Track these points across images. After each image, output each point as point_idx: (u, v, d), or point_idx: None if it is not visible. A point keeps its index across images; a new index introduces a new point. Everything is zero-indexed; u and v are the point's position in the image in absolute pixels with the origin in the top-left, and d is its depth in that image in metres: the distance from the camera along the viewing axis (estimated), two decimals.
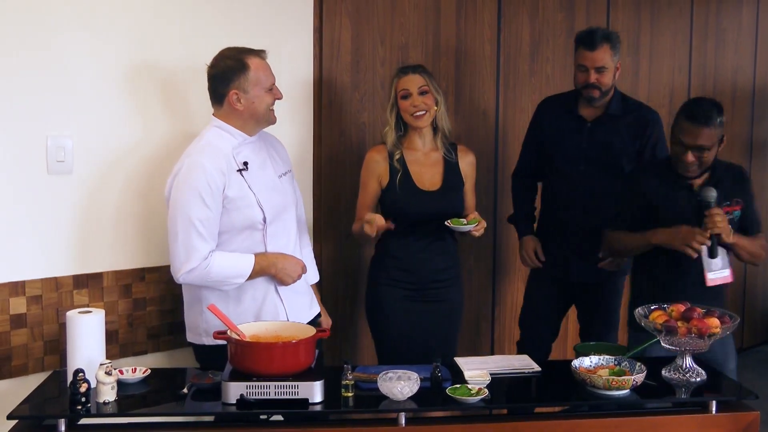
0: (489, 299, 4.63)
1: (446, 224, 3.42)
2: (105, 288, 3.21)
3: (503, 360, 3.14)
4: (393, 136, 3.51)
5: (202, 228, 2.89)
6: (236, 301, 3.03)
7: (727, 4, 5.98)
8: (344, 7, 3.88)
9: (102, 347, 2.78)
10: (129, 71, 3.20)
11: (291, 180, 3.26)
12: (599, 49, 3.61)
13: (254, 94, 2.99)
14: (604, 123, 3.73)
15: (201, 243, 2.89)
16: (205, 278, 2.92)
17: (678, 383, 2.91)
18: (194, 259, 2.88)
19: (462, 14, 4.36)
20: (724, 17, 5.96)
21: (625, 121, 3.74)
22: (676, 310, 2.97)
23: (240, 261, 2.95)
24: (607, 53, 3.62)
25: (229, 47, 3.05)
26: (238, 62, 2.98)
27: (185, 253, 2.89)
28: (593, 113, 3.75)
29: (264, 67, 3.03)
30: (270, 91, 3.04)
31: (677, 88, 5.64)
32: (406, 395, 2.65)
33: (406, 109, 3.47)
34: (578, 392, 2.83)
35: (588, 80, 3.65)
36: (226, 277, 2.94)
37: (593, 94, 3.67)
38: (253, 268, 2.96)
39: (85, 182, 3.12)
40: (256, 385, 2.56)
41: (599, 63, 3.62)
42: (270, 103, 3.04)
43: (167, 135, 3.30)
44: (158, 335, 3.38)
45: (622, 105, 3.77)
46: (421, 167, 3.53)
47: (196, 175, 2.89)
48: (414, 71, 3.49)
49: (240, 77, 2.98)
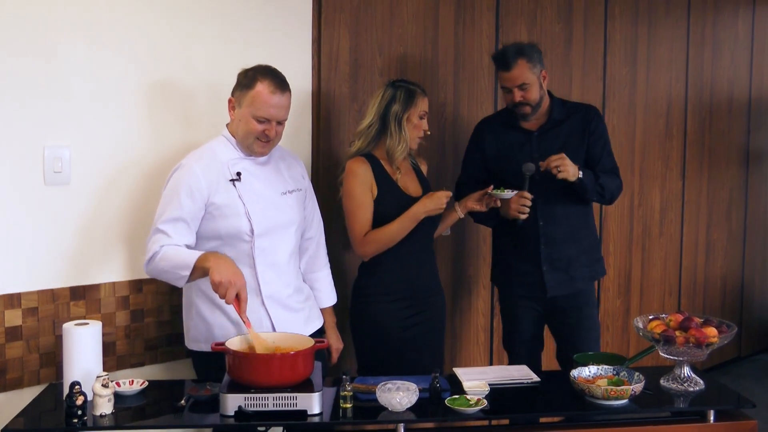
0: (488, 309, 4.61)
1: (489, 192, 3.53)
2: (102, 300, 3.19)
3: (502, 370, 3.14)
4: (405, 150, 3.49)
5: (167, 226, 2.90)
6: (221, 311, 3.01)
7: (723, 16, 6.01)
8: (343, 17, 3.88)
9: (99, 359, 2.77)
10: (130, 84, 3.19)
11: (299, 199, 3.22)
12: (515, 68, 3.57)
13: (242, 113, 2.99)
14: (549, 129, 3.70)
15: (162, 238, 2.89)
16: (158, 270, 2.90)
17: (676, 392, 2.92)
18: (150, 251, 2.90)
19: (460, 24, 4.36)
20: (721, 28, 5.99)
21: (570, 124, 3.71)
22: (674, 320, 2.98)
23: (185, 254, 2.86)
24: (524, 69, 3.57)
25: (264, 66, 3.04)
26: (249, 79, 2.98)
27: (149, 246, 2.91)
28: (537, 123, 3.72)
29: (269, 97, 2.95)
30: (259, 122, 2.98)
31: (675, 98, 5.66)
32: (405, 406, 2.64)
33: (420, 129, 3.50)
34: (577, 402, 2.83)
35: (514, 100, 3.62)
36: (171, 269, 2.86)
37: (525, 111, 3.65)
38: (197, 260, 2.82)
39: (82, 193, 3.11)
40: (254, 396, 2.55)
41: (519, 81, 3.58)
42: (254, 131, 2.98)
43: (167, 148, 3.29)
44: (156, 347, 3.36)
45: (564, 109, 3.74)
46: (403, 177, 3.53)
47: (184, 178, 2.93)
48: (425, 94, 3.54)
49: (242, 90, 2.99)
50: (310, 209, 3.33)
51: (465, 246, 4.50)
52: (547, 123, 3.71)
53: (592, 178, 3.58)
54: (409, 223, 3.40)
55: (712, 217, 6.13)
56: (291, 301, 3.15)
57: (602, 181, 3.61)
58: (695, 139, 5.88)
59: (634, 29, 5.31)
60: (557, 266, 3.71)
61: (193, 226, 2.96)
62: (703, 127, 5.94)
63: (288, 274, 3.16)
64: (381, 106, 3.46)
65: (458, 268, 4.48)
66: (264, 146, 3.04)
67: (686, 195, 5.85)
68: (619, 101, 5.26)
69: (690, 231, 5.93)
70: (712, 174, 6.08)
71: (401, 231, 3.41)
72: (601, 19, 5.08)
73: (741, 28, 6.21)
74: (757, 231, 6.63)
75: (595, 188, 3.60)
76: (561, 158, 3.48)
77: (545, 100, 3.71)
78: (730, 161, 6.26)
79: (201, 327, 3.05)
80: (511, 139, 3.72)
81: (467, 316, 4.55)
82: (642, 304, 5.56)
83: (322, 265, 3.42)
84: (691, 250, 5.96)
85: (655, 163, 5.57)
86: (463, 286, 4.53)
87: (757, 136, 6.48)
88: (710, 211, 6.10)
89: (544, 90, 3.68)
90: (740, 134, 6.34)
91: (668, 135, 5.64)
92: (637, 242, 5.50)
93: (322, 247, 3.42)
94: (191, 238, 2.96)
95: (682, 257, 5.88)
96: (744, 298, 6.55)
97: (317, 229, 3.39)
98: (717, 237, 6.20)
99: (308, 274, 3.36)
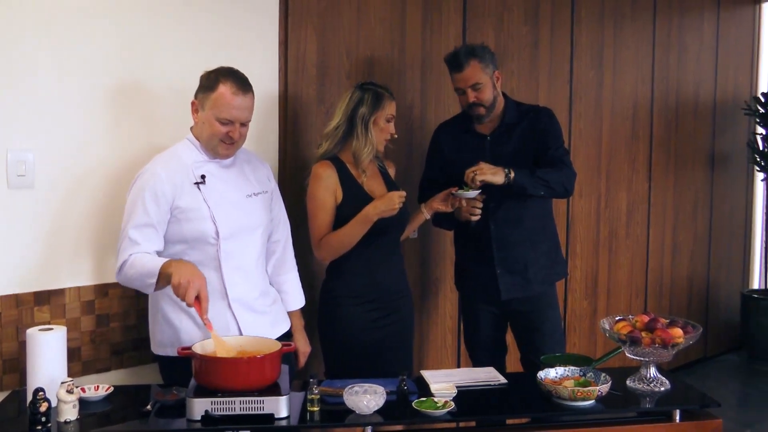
0: (455, 312, 4.61)
1: (453, 193, 3.52)
2: (67, 304, 3.16)
3: (469, 373, 3.14)
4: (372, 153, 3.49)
5: (135, 233, 2.88)
6: (187, 315, 2.99)
7: (689, 20, 6.07)
8: (310, 20, 3.87)
9: (63, 365, 2.74)
10: (95, 86, 3.16)
11: (265, 201, 3.21)
12: (467, 68, 3.60)
13: (206, 115, 2.98)
14: (502, 133, 3.72)
15: (130, 247, 2.88)
16: (128, 278, 2.89)
17: (642, 393, 2.94)
18: (120, 260, 2.89)
19: (427, 27, 4.37)
20: (686, 32, 6.05)
21: (522, 126, 3.73)
22: (640, 321, 3.00)
23: (151, 263, 2.84)
24: (477, 69, 3.60)
25: (226, 67, 3.03)
26: (211, 81, 2.97)
27: (118, 255, 2.91)
28: (490, 127, 3.74)
29: (231, 99, 2.94)
30: (222, 123, 2.96)
31: (641, 100, 5.70)
32: (372, 409, 2.64)
33: (387, 132, 3.49)
34: (544, 404, 2.84)
35: (468, 100, 3.64)
36: (139, 277, 2.85)
37: (479, 113, 3.67)
38: (161, 267, 2.80)
39: (46, 197, 3.07)
40: (220, 401, 2.53)
41: (471, 81, 3.61)
42: (218, 133, 2.97)
43: (133, 151, 3.26)
44: (122, 351, 3.33)
45: (517, 112, 3.76)
46: (369, 180, 3.53)
47: (149, 182, 2.92)
48: (393, 98, 3.53)
49: (205, 93, 2.98)
50: (277, 212, 3.32)
51: (431, 248, 4.50)
52: (499, 127, 3.73)
53: (526, 175, 3.54)
54: (361, 225, 3.38)
55: (678, 219, 6.18)
56: (258, 304, 3.14)
57: (541, 174, 3.57)
58: (661, 141, 5.93)
59: (601, 32, 5.35)
60: (513, 269, 3.73)
61: (161, 230, 2.95)
62: (669, 130, 5.99)
63: (255, 277, 3.16)
64: (348, 109, 3.46)
65: (425, 270, 4.49)
66: (228, 148, 3.03)
67: (652, 197, 5.90)
68: (586, 104, 5.29)
69: (656, 232, 5.98)
70: (678, 176, 6.13)
71: (354, 234, 3.40)
72: (567, 22, 5.11)
73: (706, 31, 6.27)
74: (723, 232, 6.70)
75: (535, 183, 3.55)
76: (477, 169, 3.47)
77: (499, 101, 3.73)
78: (696, 163, 6.32)
79: (167, 331, 3.03)
80: (466, 143, 3.74)
81: (434, 319, 4.56)
82: (609, 306, 5.59)
83: (290, 268, 3.41)
84: (658, 251, 6.01)
85: (621, 165, 5.61)
86: (430, 288, 4.53)
87: (722, 139, 6.55)
88: (676, 212, 6.16)
89: (498, 91, 3.70)
90: (706, 136, 6.40)
91: (635, 137, 5.68)
92: (603, 244, 5.54)
93: (289, 250, 3.41)
94: (160, 243, 2.95)
95: (648, 259, 5.93)
96: (710, 299, 6.61)
97: (284, 231, 3.37)
98: (683, 238, 6.26)
99: (275, 276, 3.35)
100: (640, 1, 5.64)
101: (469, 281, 3.90)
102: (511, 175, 3.49)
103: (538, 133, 3.71)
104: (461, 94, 3.68)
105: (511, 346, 4.02)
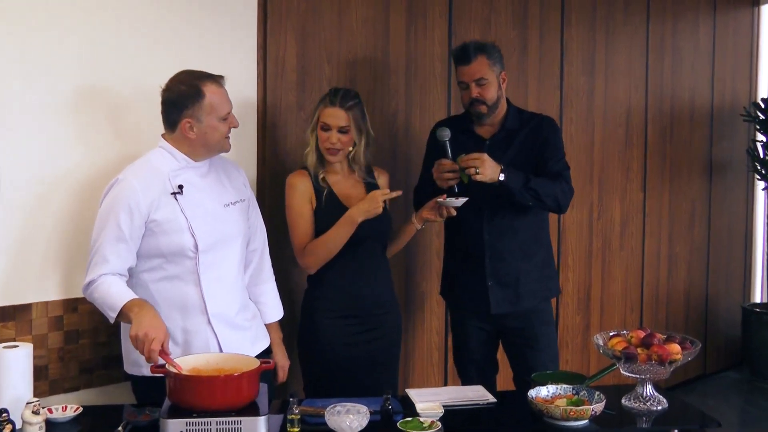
0: (442, 327, 4.56)
1: (438, 201, 3.41)
2: (34, 320, 3.10)
3: (457, 391, 3.10)
4: (314, 158, 3.46)
5: (107, 248, 2.83)
6: None
7: (683, 24, 6.04)
8: (289, 23, 3.82)
9: (29, 384, 2.71)
10: (62, 93, 3.11)
11: (243, 210, 3.17)
12: (474, 62, 3.56)
13: (208, 123, 2.93)
14: (501, 139, 3.67)
15: (100, 265, 2.83)
16: (93, 299, 2.86)
17: (639, 412, 2.91)
18: (88, 277, 2.85)
19: (412, 31, 4.34)
20: (681, 36, 6.02)
21: (523, 134, 3.68)
22: (635, 336, 2.98)
23: (116, 295, 2.78)
24: (484, 64, 3.57)
25: (185, 71, 2.98)
26: (192, 88, 2.90)
27: (87, 270, 2.86)
28: (490, 131, 3.69)
29: (220, 94, 2.95)
30: (225, 120, 2.96)
31: (634, 107, 5.67)
32: (355, 429, 2.58)
33: (322, 140, 3.41)
34: (535, 424, 2.79)
35: (471, 95, 3.60)
36: (102, 305, 2.83)
37: (480, 110, 3.61)
38: (123, 306, 2.75)
39: (11, 208, 3.01)
40: (196, 421, 2.46)
41: (477, 75, 3.57)
42: (225, 132, 2.98)
43: (101, 160, 3.21)
44: (92, 370, 3.27)
45: (519, 119, 3.72)
46: (345, 189, 3.48)
47: (122, 194, 2.85)
48: (341, 106, 3.39)
49: (194, 105, 2.90)
50: (253, 220, 3.28)
51: (417, 259, 4.45)
52: (499, 132, 3.67)
53: (518, 180, 3.46)
54: (345, 228, 3.33)
55: (674, 230, 6.12)
56: (238, 319, 3.09)
57: (533, 185, 3.49)
58: (656, 149, 5.88)
59: (592, 37, 5.32)
60: (505, 282, 3.66)
61: (134, 245, 2.89)
62: (664, 137, 5.95)
63: (235, 289, 3.11)
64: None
65: (411, 283, 4.43)
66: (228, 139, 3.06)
67: (647, 207, 5.85)
68: (577, 110, 5.25)
69: (652, 244, 5.92)
70: (674, 185, 6.08)
71: (338, 237, 3.35)
72: (557, 26, 5.08)
73: (702, 36, 6.25)
74: (722, 243, 6.64)
75: (523, 192, 3.47)
76: (479, 158, 3.39)
77: (502, 104, 3.68)
78: (693, 172, 6.26)
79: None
80: (463, 145, 3.63)
81: (420, 334, 4.50)
82: (602, 320, 5.54)
83: (267, 278, 3.35)
84: (653, 263, 5.95)
85: (614, 174, 5.56)
86: (416, 302, 4.47)
87: (720, 146, 6.51)
88: (672, 223, 6.10)
89: (502, 92, 3.66)
90: (703, 144, 6.35)
91: (628, 145, 5.65)
92: (596, 256, 5.48)
93: (266, 259, 3.36)
94: (132, 259, 2.90)
95: (643, 271, 5.87)
96: (708, 313, 6.56)
97: (260, 240, 3.33)
98: (680, 250, 6.20)
99: (252, 287, 3.30)
100: (633, 5, 5.61)
101: (457, 291, 3.83)
102: (502, 177, 3.41)
103: (539, 142, 3.66)
104: (464, 89, 3.63)
105: (502, 364, 3.93)
